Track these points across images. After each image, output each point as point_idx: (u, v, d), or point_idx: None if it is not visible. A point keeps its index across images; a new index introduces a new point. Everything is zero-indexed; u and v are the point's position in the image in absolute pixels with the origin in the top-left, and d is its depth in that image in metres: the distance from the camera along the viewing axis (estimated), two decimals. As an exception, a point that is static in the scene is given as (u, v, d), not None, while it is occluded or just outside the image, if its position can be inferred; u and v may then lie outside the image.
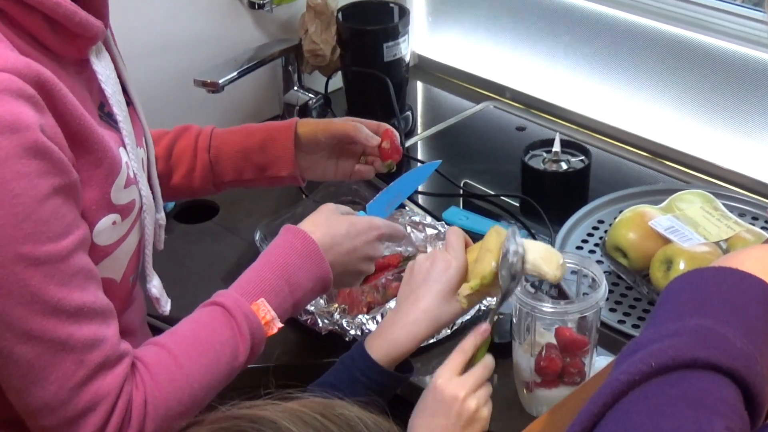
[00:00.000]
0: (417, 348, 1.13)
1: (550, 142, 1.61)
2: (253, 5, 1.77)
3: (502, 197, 1.62)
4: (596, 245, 1.46)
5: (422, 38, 2.03)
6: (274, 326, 1.08)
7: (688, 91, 1.66)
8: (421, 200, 1.63)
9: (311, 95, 1.80)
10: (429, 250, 1.44)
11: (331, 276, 1.16)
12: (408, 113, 1.82)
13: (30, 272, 0.89)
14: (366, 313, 1.32)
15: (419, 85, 2.00)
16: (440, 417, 1.02)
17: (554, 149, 1.60)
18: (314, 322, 1.32)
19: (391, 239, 1.26)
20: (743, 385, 0.72)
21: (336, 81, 1.82)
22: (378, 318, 1.31)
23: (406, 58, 1.76)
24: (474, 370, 1.05)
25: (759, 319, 0.77)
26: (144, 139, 1.14)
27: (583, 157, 1.61)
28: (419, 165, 1.37)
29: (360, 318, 1.31)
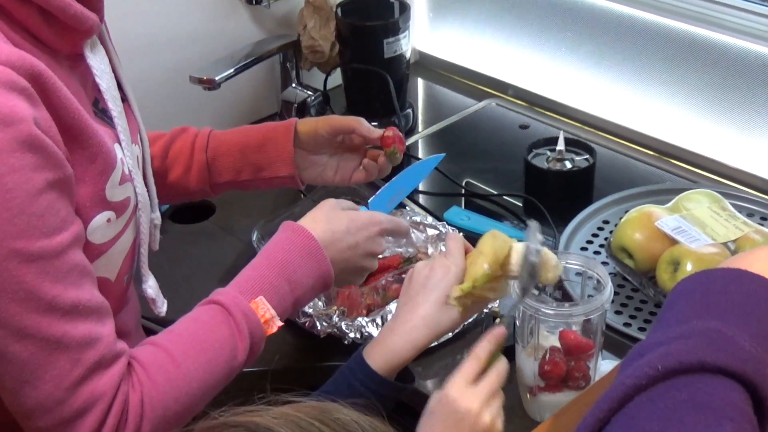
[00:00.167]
0: (417, 356, 1.13)
1: (554, 141, 1.62)
2: (251, 0, 1.78)
3: (505, 197, 1.62)
4: (601, 246, 1.46)
5: (423, 34, 2.03)
6: (274, 325, 1.08)
7: (696, 89, 1.66)
8: (422, 200, 1.63)
9: (309, 92, 1.81)
10: (430, 251, 1.44)
11: (333, 273, 1.16)
12: (409, 111, 1.82)
13: (24, 268, 0.89)
14: (365, 316, 1.32)
15: (420, 83, 2.00)
16: (452, 431, 1.00)
17: (558, 148, 1.60)
18: (312, 325, 1.32)
19: (394, 234, 1.26)
20: (752, 389, 0.72)
21: (335, 78, 1.82)
22: (378, 320, 1.31)
23: (407, 55, 1.77)
24: (488, 380, 1.03)
25: (768, 322, 0.77)
26: (139, 136, 1.15)
27: (588, 156, 1.61)
28: (422, 159, 1.36)
29: (359, 320, 1.31)
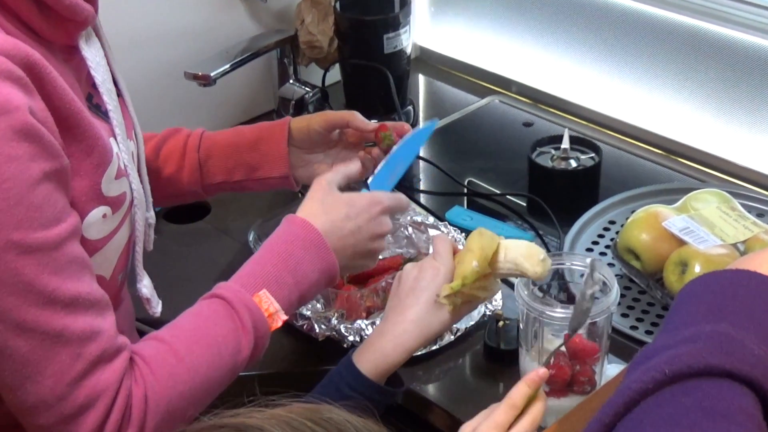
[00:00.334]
0: (407, 359, 1.14)
1: (559, 139, 1.61)
2: (247, -6, 1.78)
3: (508, 196, 1.62)
4: (607, 247, 1.46)
5: (424, 29, 2.03)
6: (279, 319, 1.09)
7: (704, 85, 1.66)
8: (424, 200, 1.63)
9: (308, 89, 1.81)
10: (431, 252, 1.44)
11: (337, 266, 1.16)
12: (409, 108, 1.82)
13: (22, 260, 0.89)
14: (365, 318, 1.33)
15: (421, 79, 2.00)
16: None
17: (563, 146, 1.60)
18: (311, 328, 1.32)
19: (396, 211, 1.25)
20: (761, 394, 0.72)
21: (334, 74, 1.82)
22: (377, 323, 1.31)
23: (408, 50, 1.77)
24: (521, 427, 0.98)
25: (778, 325, 0.77)
26: (134, 132, 1.15)
27: (594, 155, 1.61)
28: (416, 128, 1.36)
29: (359, 323, 1.31)
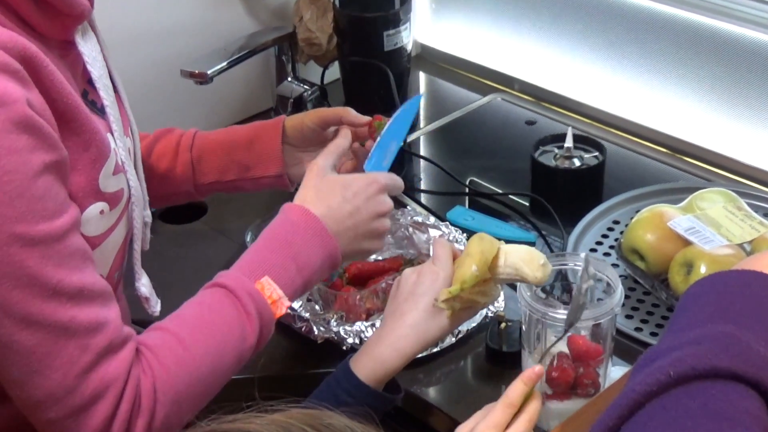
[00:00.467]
0: (405, 365, 1.14)
1: (562, 137, 1.61)
2: (244, -10, 1.78)
3: (511, 196, 1.62)
4: (611, 247, 1.46)
5: (425, 26, 2.03)
6: (282, 306, 1.09)
7: (710, 83, 1.66)
8: (424, 199, 1.63)
9: (306, 87, 1.80)
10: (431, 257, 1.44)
11: (339, 249, 1.17)
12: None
13: (26, 253, 0.89)
14: (365, 320, 1.33)
15: (422, 76, 1.99)
16: None
17: (566, 145, 1.60)
18: (309, 330, 1.32)
19: (393, 190, 1.26)
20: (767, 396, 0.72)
21: (333, 72, 1.82)
22: (377, 325, 1.31)
23: (408, 47, 1.77)
24: (520, 426, 0.99)
25: (785, 326, 0.77)
26: (130, 129, 1.15)
27: (598, 153, 1.61)
28: (401, 106, 1.36)
29: (358, 325, 1.31)
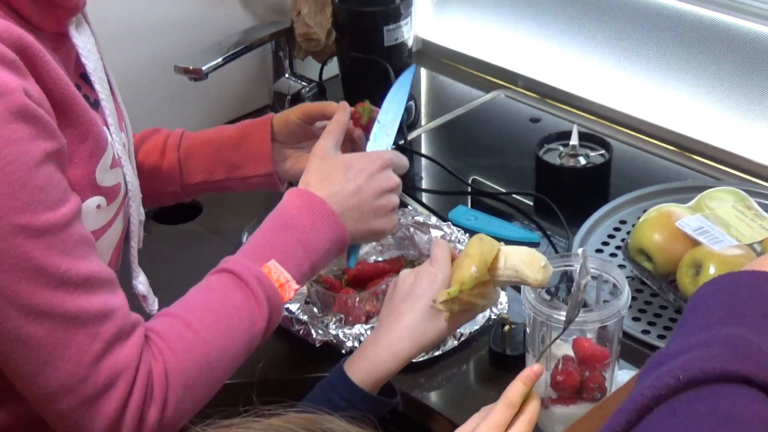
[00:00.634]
0: (401, 368, 1.13)
1: (567, 135, 1.61)
2: (240, -15, 1.78)
3: (514, 195, 1.62)
4: (618, 248, 1.46)
5: (426, 21, 2.03)
6: (290, 289, 1.10)
7: (719, 79, 1.66)
8: (426, 199, 1.63)
9: (304, 83, 1.81)
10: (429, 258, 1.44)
11: (346, 230, 1.17)
12: (411, 103, 1.82)
13: (31, 243, 0.90)
14: (364, 323, 1.32)
15: (423, 73, 2.00)
16: None
17: (571, 142, 1.60)
18: (307, 333, 1.32)
19: (398, 167, 1.26)
20: (779, 400, 0.72)
21: (331, 68, 1.82)
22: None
23: (409, 43, 1.76)
24: (520, 427, 0.99)
25: (797, 328, 0.77)
26: (124, 125, 1.15)
27: (604, 151, 1.61)
28: (395, 81, 1.37)
29: (357, 328, 1.31)
